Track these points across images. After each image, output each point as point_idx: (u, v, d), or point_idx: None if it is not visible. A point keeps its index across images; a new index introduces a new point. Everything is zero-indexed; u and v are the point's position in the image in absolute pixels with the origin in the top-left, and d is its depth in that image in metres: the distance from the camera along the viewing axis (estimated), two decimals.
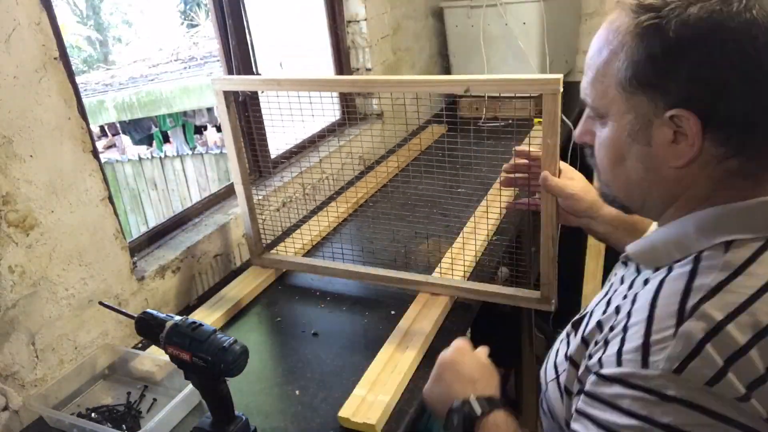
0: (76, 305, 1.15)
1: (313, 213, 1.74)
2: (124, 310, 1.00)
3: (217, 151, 6.02)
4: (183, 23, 8.93)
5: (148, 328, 0.92)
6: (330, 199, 1.81)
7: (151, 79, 6.53)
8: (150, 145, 6.98)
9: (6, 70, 0.98)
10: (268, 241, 1.51)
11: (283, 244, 1.50)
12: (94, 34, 8.93)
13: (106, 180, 1.19)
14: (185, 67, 6.69)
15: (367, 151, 2.01)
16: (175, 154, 6.27)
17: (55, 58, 1.06)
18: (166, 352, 0.90)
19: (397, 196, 1.78)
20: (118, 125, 6.80)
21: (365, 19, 2.07)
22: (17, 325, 1.04)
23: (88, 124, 1.14)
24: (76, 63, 8.06)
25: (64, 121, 1.09)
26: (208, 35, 7.18)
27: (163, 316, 0.92)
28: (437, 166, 1.57)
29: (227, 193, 1.63)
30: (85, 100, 1.16)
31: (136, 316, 0.94)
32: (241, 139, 1.34)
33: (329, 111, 1.95)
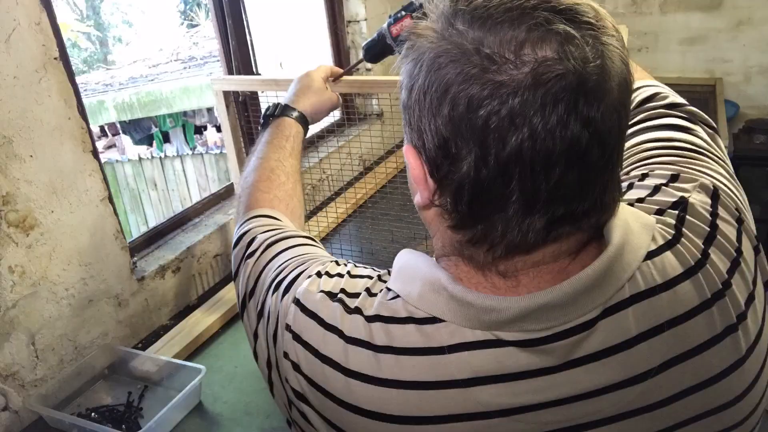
0: (76, 305, 1.15)
1: (313, 213, 1.74)
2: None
3: (217, 151, 6.02)
4: (183, 23, 8.93)
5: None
6: (329, 199, 1.81)
7: (151, 79, 6.53)
8: (150, 145, 6.98)
9: (6, 70, 0.98)
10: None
11: None
12: (94, 31, 8.93)
13: (106, 180, 1.19)
14: (185, 67, 6.69)
15: (367, 151, 2.01)
16: (175, 154, 6.27)
17: (55, 58, 1.06)
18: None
19: (396, 197, 1.78)
20: (118, 125, 6.79)
21: (365, 19, 2.07)
22: (17, 325, 1.04)
23: (88, 124, 1.14)
24: (76, 63, 8.06)
25: (64, 121, 1.09)
26: (208, 35, 7.17)
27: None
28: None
29: (227, 193, 1.63)
30: (85, 100, 1.16)
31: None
32: (241, 138, 1.34)
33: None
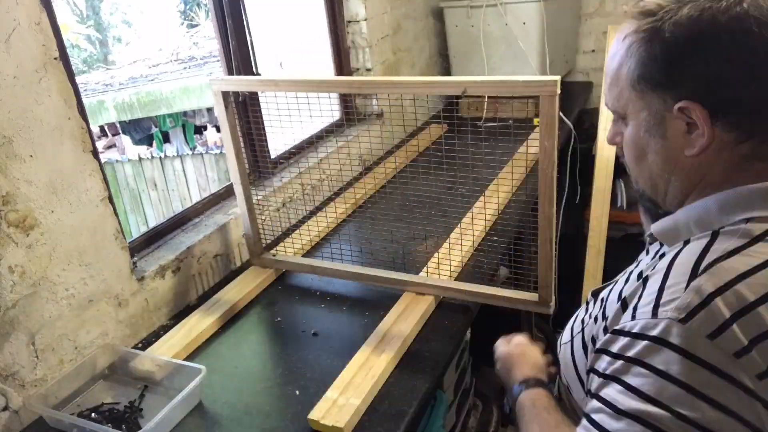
0: (76, 305, 1.15)
1: (312, 213, 1.74)
2: None
3: (217, 151, 6.02)
4: (183, 23, 8.92)
5: None
6: (329, 199, 1.81)
7: (151, 79, 6.52)
8: (150, 145, 6.98)
9: (6, 70, 0.98)
10: (268, 242, 1.51)
11: (282, 244, 1.50)
12: (94, 33, 8.92)
13: (106, 180, 1.19)
14: (185, 67, 6.69)
15: (366, 152, 2.01)
16: (175, 154, 6.26)
17: (55, 58, 1.06)
18: None
19: (395, 197, 1.78)
20: (118, 125, 6.79)
21: (365, 19, 2.07)
22: (17, 325, 1.04)
23: (88, 124, 1.14)
24: (76, 63, 8.05)
25: (64, 121, 1.09)
26: (208, 35, 7.17)
27: None
28: (436, 167, 1.57)
29: (227, 193, 1.63)
30: (85, 100, 1.16)
31: None
32: (240, 139, 1.34)
33: (329, 111, 1.95)
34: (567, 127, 2.18)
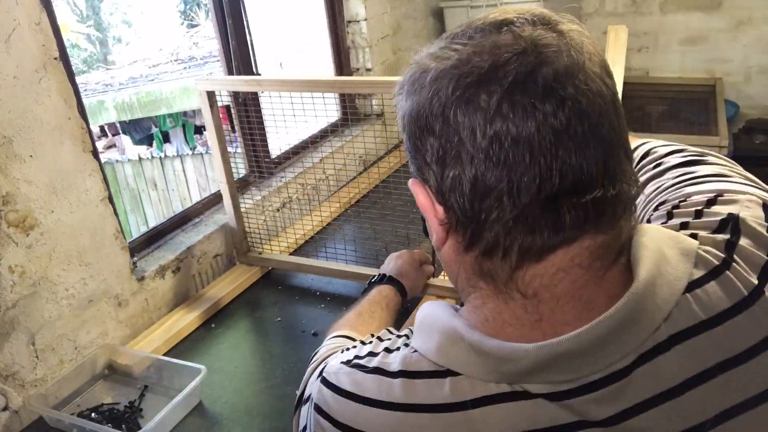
0: (76, 305, 1.15)
1: (304, 212, 1.74)
2: None
3: None
4: (183, 23, 8.92)
5: None
6: (329, 199, 1.81)
7: (151, 80, 6.52)
8: (150, 145, 6.97)
9: (6, 70, 0.98)
10: (255, 240, 1.50)
11: (268, 243, 1.51)
12: (93, 32, 8.92)
13: (106, 180, 1.19)
14: (185, 67, 6.69)
15: (366, 151, 2.01)
16: (175, 154, 6.26)
17: (55, 58, 1.06)
18: None
19: (394, 197, 1.78)
20: (118, 125, 6.79)
21: (365, 19, 2.07)
22: (17, 325, 1.04)
23: (88, 124, 1.14)
24: (76, 63, 8.05)
25: (64, 121, 1.09)
26: (208, 35, 7.17)
27: None
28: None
29: None
30: (85, 100, 1.16)
31: None
32: (225, 139, 1.35)
33: (329, 111, 1.95)
34: None
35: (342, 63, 2.11)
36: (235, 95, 1.58)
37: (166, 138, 6.96)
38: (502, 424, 0.45)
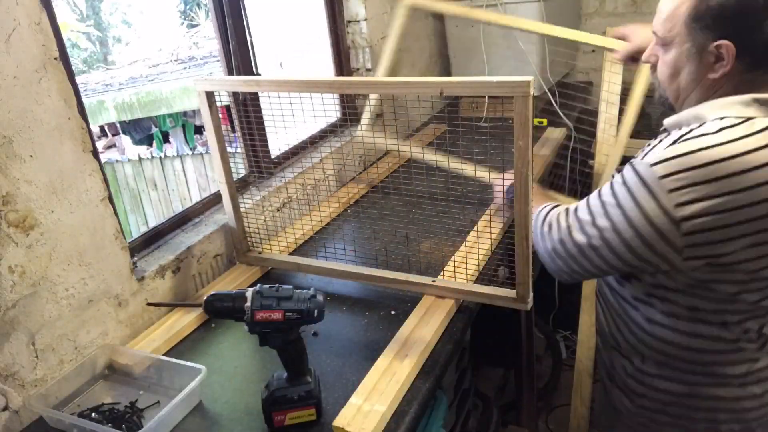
0: (76, 305, 1.15)
1: (303, 212, 1.74)
2: (183, 302, 1.10)
3: None
4: (183, 23, 8.92)
5: (223, 308, 0.95)
6: (324, 199, 1.81)
7: (151, 80, 6.52)
8: (150, 145, 6.98)
9: (6, 70, 0.98)
10: (254, 240, 1.50)
11: (268, 243, 1.51)
12: (93, 31, 8.92)
13: (106, 180, 1.19)
14: (185, 67, 6.69)
15: (366, 152, 2.01)
16: (175, 154, 6.27)
17: (55, 58, 1.06)
18: (253, 321, 0.93)
19: (393, 196, 1.78)
20: (118, 125, 6.79)
21: (365, 19, 2.07)
22: (17, 325, 1.05)
23: (88, 124, 1.14)
24: (76, 63, 8.05)
25: (64, 121, 1.09)
26: (208, 35, 7.17)
27: (233, 292, 0.95)
28: (428, 170, 1.57)
29: None
30: (85, 100, 1.16)
31: (203, 301, 0.97)
32: (224, 139, 1.35)
33: (330, 111, 1.95)
34: (567, 127, 2.18)
35: (342, 63, 2.11)
36: (235, 95, 1.58)
37: (166, 138, 6.96)
38: None
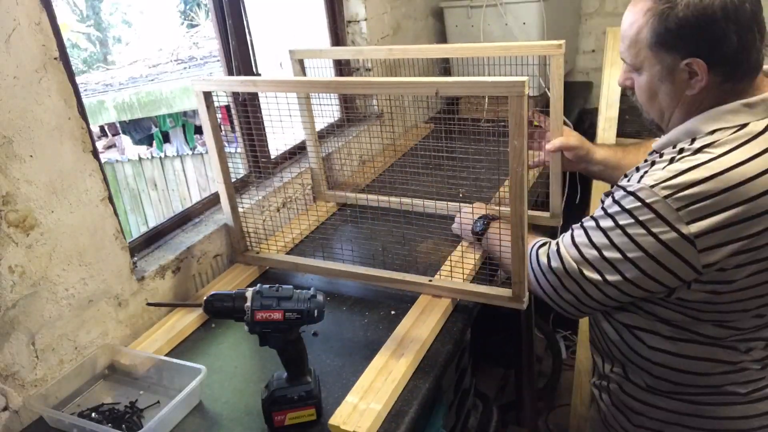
0: (76, 305, 1.15)
1: (300, 212, 1.74)
2: (184, 303, 1.13)
3: None
4: (183, 23, 8.92)
5: (223, 308, 0.95)
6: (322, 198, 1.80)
7: (151, 80, 6.53)
8: (150, 145, 6.98)
9: (6, 70, 0.98)
10: (253, 239, 1.50)
11: (265, 243, 1.51)
12: (93, 32, 8.92)
13: (106, 180, 1.19)
14: (185, 68, 6.69)
15: (366, 151, 2.01)
16: (175, 154, 6.27)
17: (55, 58, 1.06)
18: (253, 321, 0.94)
19: (385, 197, 1.78)
20: (118, 125, 6.79)
21: (365, 19, 2.07)
22: (17, 325, 1.05)
23: (88, 124, 1.14)
24: (76, 63, 8.05)
25: (64, 121, 1.09)
26: (208, 35, 7.17)
27: (233, 292, 0.96)
28: (432, 165, 1.57)
29: None
30: (85, 100, 1.16)
31: (203, 301, 0.97)
32: (222, 139, 1.35)
33: (330, 111, 1.95)
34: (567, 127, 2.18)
35: (342, 63, 2.11)
36: (234, 95, 1.58)
37: (166, 138, 6.96)
38: None
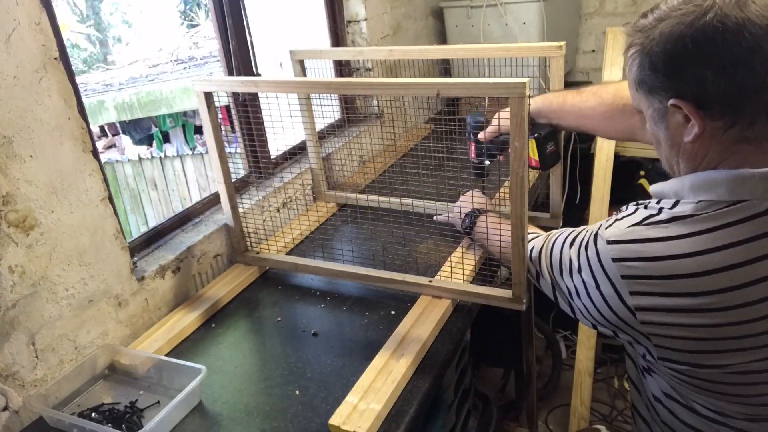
0: (76, 305, 1.15)
1: (300, 212, 1.74)
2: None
3: None
4: (183, 23, 8.92)
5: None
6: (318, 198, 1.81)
7: (151, 80, 6.52)
8: (150, 145, 6.98)
9: (6, 70, 0.98)
10: (253, 240, 1.50)
11: (265, 243, 1.51)
12: (93, 32, 8.92)
13: (106, 180, 1.19)
14: (185, 68, 6.69)
15: (366, 151, 2.01)
16: (175, 154, 6.27)
17: (55, 58, 1.06)
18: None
19: (384, 197, 1.78)
20: (118, 125, 6.79)
21: (365, 19, 2.08)
22: (17, 325, 1.05)
23: (88, 124, 1.14)
24: (76, 63, 8.05)
25: (64, 121, 1.09)
26: (208, 35, 7.17)
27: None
28: (432, 166, 1.57)
29: None
30: (85, 100, 1.16)
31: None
32: (222, 139, 1.35)
33: (330, 111, 1.95)
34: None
35: (342, 63, 2.11)
36: (234, 95, 1.58)
37: (166, 138, 6.96)
38: None
